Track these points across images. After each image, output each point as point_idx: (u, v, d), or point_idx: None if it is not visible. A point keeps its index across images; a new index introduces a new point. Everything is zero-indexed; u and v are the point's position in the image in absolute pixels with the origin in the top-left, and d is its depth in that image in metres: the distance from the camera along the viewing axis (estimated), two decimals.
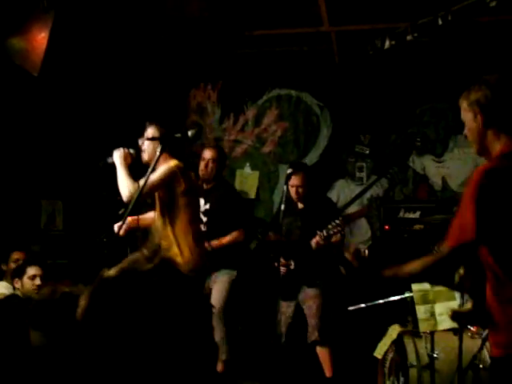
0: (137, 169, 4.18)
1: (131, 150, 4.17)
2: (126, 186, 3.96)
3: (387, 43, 5.62)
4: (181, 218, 4.05)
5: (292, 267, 5.22)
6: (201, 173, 5.48)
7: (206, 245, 4.88)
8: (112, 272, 1.25)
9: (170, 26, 6.07)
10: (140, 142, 4.25)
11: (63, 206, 7.24)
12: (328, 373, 5.12)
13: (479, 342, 3.86)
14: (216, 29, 6.20)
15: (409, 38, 5.49)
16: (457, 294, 4.26)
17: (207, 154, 5.53)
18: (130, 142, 4.35)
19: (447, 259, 2.31)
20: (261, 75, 6.92)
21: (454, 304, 4.25)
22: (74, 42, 5.86)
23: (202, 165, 5.49)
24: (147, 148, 4.20)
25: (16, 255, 5.33)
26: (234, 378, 5.06)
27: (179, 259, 3.97)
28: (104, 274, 1.25)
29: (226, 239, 5.35)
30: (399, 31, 5.59)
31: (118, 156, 4.11)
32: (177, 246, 4.00)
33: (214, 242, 5.25)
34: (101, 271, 1.29)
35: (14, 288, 5.10)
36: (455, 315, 3.38)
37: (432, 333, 4.26)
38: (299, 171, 5.20)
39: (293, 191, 5.22)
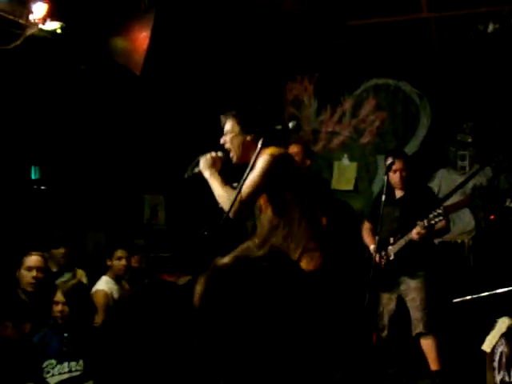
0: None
1: (219, 153, 3.62)
2: (223, 197, 3.39)
3: (491, 27, 5.44)
4: (293, 213, 3.46)
5: (391, 258, 5.12)
6: None
7: None
8: (226, 259, 1.27)
9: (265, 19, 6.10)
10: (222, 140, 3.66)
11: (165, 200, 7.44)
12: (434, 366, 4.96)
13: None
14: (311, 21, 6.17)
15: None
16: None
17: (290, 150, 5.13)
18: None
19: None
20: (357, 65, 6.84)
21: None
22: (172, 40, 5.99)
23: None
24: (230, 144, 3.63)
25: (120, 253, 5.37)
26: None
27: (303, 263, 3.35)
28: (218, 261, 1.27)
29: None
30: (504, 14, 5.40)
31: (205, 164, 3.55)
32: (297, 247, 3.40)
33: None
34: (214, 259, 1.31)
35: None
36: None
37: None
38: (400, 156, 5.15)
39: (396, 176, 5.13)
